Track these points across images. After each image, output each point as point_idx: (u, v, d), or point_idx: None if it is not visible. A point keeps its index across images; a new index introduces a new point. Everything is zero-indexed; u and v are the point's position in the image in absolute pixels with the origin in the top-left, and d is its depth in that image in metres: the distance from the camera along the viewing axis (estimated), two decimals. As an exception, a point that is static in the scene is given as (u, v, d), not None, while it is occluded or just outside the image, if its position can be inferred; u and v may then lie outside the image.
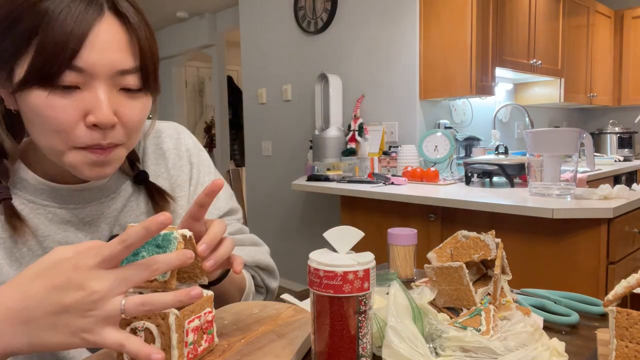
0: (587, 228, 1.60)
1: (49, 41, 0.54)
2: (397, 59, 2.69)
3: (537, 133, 1.77)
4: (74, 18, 0.55)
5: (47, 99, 0.56)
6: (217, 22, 4.87)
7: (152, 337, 0.55)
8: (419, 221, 1.99)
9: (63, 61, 0.55)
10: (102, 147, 0.60)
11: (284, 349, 0.63)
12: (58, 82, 0.56)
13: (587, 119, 4.47)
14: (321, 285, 0.56)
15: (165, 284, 0.55)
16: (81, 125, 0.58)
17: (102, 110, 0.57)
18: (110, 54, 0.57)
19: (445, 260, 0.78)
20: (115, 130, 0.60)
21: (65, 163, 0.61)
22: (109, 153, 0.61)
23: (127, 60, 0.59)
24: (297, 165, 3.25)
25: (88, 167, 0.61)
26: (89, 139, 0.59)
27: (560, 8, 3.22)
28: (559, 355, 0.59)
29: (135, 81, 0.60)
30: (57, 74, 0.55)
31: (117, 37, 0.58)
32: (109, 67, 0.57)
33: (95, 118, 0.57)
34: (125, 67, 0.59)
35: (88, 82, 0.57)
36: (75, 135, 0.58)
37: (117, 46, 0.58)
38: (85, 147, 0.59)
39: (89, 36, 0.56)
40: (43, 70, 0.55)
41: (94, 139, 0.59)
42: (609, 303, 0.56)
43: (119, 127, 0.60)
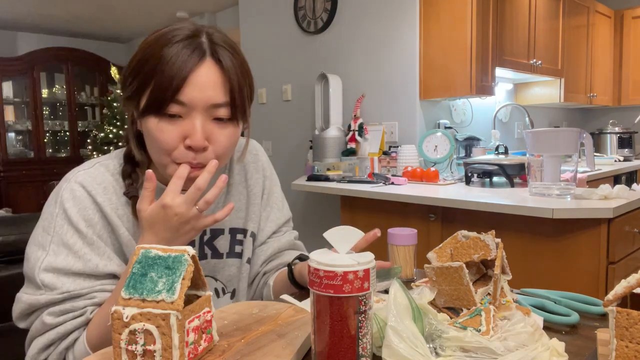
0: (587, 228, 1.60)
1: (161, 80, 0.73)
2: (397, 59, 2.68)
3: (537, 133, 1.77)
4: (181, 62, 0.73)
5: (157, 124, 0.75)
6: (217, 22, 4.87)
7: (152, 339, 0.55)
8: (419, 221, 1.99)
9: (170, 96, 0.73)
10: (192, 165, 0.77)
11: (284, 349, 0.63)
12: (166, 111, 0.74)
13: (587, 119, 4.47)
14: (321, 285, 0.56)
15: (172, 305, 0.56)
16: (180, 146, 0.76)
17: (196, 135, 0.75)
18: (206, 91, 0.75)
19: (445, 260, 0.78)
20: (206, 153, 0.77)
21: (167, 173, 0.79)
22: (197, 170, 0.77)
23: (220, 97, 0.76)
24: (297, 165, 3.25)
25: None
26: (184, 158, 0.77)
27: (560, 8, 3.22)
28: (559, 355, 0.59)
29: (225, 113, 0.77)
30: (165, 106, 0.73)
31: (213, 77, 0.75)
32: (205, 102, 0.75)
33: (190, 141, 0.75)
34: (218, 101, 0.76)
35: (188, 113, 0.75)
36: (174, 153, 0.77)
37: (212, 85, 0.75)
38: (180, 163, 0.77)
39: (190, 77, 0.73)
40: (156, 103, 0.74)
41: (189, 158, 0.77)
42: (609, 303, 0.56)
43: (210, 151, 0.78)
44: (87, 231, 0.79)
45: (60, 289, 0.76)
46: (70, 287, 0.76)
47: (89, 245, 0.79)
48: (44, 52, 5.24)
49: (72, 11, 4.72)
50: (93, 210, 0.80)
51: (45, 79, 5.37)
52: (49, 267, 0.76)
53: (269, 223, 1.00)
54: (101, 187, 0.82)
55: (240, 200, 0.96)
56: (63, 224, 0.79)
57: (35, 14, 4.79)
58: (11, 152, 5.20)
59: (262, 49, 3.50)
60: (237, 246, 0.95)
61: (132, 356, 0.56)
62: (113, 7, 4.63)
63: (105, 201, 0.81)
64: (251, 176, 0.98)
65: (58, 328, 0.76)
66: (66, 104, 5.47)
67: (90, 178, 0.82)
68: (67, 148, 5.56)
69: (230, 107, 0.77)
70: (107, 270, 0.79)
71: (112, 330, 0.56)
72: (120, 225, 0.82)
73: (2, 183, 5.04)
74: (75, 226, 0.79)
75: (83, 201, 0.80)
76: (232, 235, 0.95)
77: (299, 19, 3.15)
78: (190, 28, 0.77)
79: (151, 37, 0.77)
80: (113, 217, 0.81)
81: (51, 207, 0.81)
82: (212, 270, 0.94)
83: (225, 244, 0.94)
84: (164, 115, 0.74)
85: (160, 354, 0.55)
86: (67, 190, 0.81)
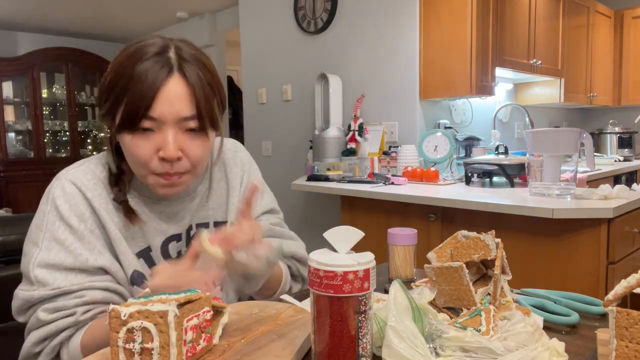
0: (587, 228, 1.60)
1: (133, 98, 0.76)
2: (397, 59, 2.68)
3: (537, 133, 1.77)
4: (151, 79, 0.76)
5: (132, 140, 0.78)
6: (217, 22, 4.87)
7: (150, 336, 0.55)
8: (419, 221, 1.99)
9: (142, 113, 0.76)
10: (170, 174, 0.80)
11: (284, 349, 0.63)
12: (139, 126, 0.77)
13: (587, 119, 4.47)
14: (321, 285, 0.56)
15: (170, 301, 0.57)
16: (155, 158, 0.79)
17: (168, 147, 0.78)
18: (175, 105, 0.77)
19: (445, 260, 0.78)
20: (181, 162, 0.80)
21: (146, 182, 0.83)
22: (176, 179, 0.82)
23: (187, 110, 0.79)
24: (297, 165, 3.25)
25: (160, 188, 0.83)
26: (160, 169, 0.80)
27: (560, 8, 3.22)
28: (559, 355, 0.59)
29: (195, 124, 0.80)
30: (137, 122, 0.77)
31: (180, 91, 0.78)
32: (174, 115, 0.78)
33: (164, 153, 0.78)
34: (186, 115, 0.79)
35: (160, 127, 0.78)
36: (150, 165, 0.80)
37: (179, 99, 0.78)
38: (158, 174, 0.80)
39: (159, 93, 0.76)
40: (129, 119, 0.77)
41: (164, 168, 0.80)
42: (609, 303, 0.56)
43: (185, 160, 0.81)
44: (79, 226, 0.82)
45: (52, 285, 0.78)
46: (61, 284, 0.79)
47: (80, 240, 0.82)
48: (44, 52, 5.23)
49: (72, 11, 4.71)
50: (84, 206, 0.84)
51: (45, 79, 5.37)
52: (42, 262, 0.79)
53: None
54: (91, 182, 0.86)
55: (222, 195, 0.99)
56: (54, 220, 0.82)
57: (35, 14, 4.79)
58: (11, 152, 5.20)
59: (262, 49, 3.50)
60: None
61: (130, 354, 0.56)
62: (113, 7, 4.63)
63: (95, 196, 0.85)
64: (230, 170, 1.02)
65: (50, 325, 0.78)
66: (66, 104, 5.46)
67: (81, 174, 0.86)
68: (67, 148, 5.56)
69: (198, 120, 0.80)
70: (97, 264, 0.82)
71: (109, 329, 0.56)
72: (109, 220, 0.85)
73: (2, 183, 5.04)
74: (67, 222, 0.82)
75: (74, 197, 0.83)
76: (217, 228, 0.97)
77: (299, 19, 3.15)
78: (159, 44, 0.80)
79: (122, 55, 0.80)
80: (102, 212, 0.84)
81: (43, 205, 0.84)
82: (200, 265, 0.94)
83: None
84: (137, 130, 0.78)
85: (157, 351, 0.55)
86: (58, 187, 0.84)
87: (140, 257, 0.88)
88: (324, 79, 2.88)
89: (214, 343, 0.65)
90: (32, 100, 5.20)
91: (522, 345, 0.58)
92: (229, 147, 1.04)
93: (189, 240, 0.94)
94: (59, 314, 0.78)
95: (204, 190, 0.97)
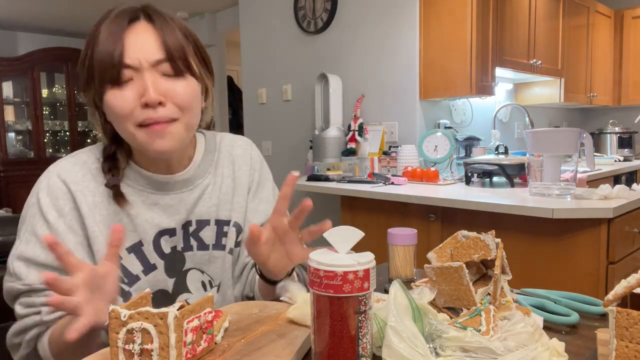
0: (587, 228, 1.60)
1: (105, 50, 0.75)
2: (397, 59, 2.68)
3: (537, 133, 1.77)
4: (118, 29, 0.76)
5: (112, 93, 0.76)
6: (217, 22, 4.87)
7: (149, 337, 0.55)
8: (419, 221, 1.99)
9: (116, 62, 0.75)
10: (157, 121, 0.77)
11: (284, 349, 0.63)
12: (117, 79, 0.76)
13: (587, 119, 4.47)
14: (321, 285, 0.56)
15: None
16: (137, 107, 0.76)
17: (149, 92, 0.75)
18: (145, 48, 0.77)
19: (445, 260, 0.78)
20: (166, 108, 0.77)
21: (137, 142, 0.79)
22: (165, 127, 0.78)
23: (158, 53, 0.77)
24: (297, 165, 3.25)
25: (152, 140, 0.78)
26: (144, 115, 0.76)
27: (560, 8, 3.22)
28: (559, 355, 0.59)
29: (168, 68, 0.78)
30: (114, 73, 0.75)
31: (148, 36, 0.78)
32: (147, 59, 0.76)
33: (145, 98, 0.75)
34: (158, 57, 0.77)
35: (138, 74, 0.76)
36: (134, 115, 0.77)
37: (149, 42, 0.77)
38: (146, 124, 0.77)
39: (127, 39, 0.76)
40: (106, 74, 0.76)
41: (148, 114, 0.76)
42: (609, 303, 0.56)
43: (170, 105, 0.78)
44: (56, 221, 0.81)
45: (25, 280, 0.79)
46: (31, 280, 0.79)
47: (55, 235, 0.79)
48: (44, 52, 5.23)
49: (72, 11, 4.71)
50: (65, 200, 0.82)
51: (45, 79, 5.37)
52: (21, 255, 0.80)
53: (257, 214, 0.99)
54: (79, 174, 0.84)
55: (228, 193, 0.96)
56: (35, 213, 0.82)
57: (35, 14, 4.79)
58: (11, 152, 5.19)
59: (262, 49, 3.50)
60: (224, 238, 0.95)
61: (129, 355, 0.55)
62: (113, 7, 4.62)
63: (81, 190, 0.83)
64: (239, 168, 0.99)
65: (25, 319, 0.79)
66: (66, 104, 5.46)
67: (69, 166, 0.85)
68: (67, 148, 5.56)
69: (169, 62, 0.78)
70: None
71: (109, 330, 0.56)
72: (90, 216, 0.82)
73: (2, 183, 5.04)
74: (45, 216, 0.81)
75: (56, 191, 0.82)
76: (219, 226, 0.94)
77: (299, 19, 3.15)
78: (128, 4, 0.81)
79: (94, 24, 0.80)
80: (84, 207, 0.82)
81: (30, 197, 0.84)
82: (198, 263, 0.93)
83: (211, 235, 0.93)
84: (115, 84, 0.76)
85: (157, 353, 0.55)
86: (44, 180, 0.84)
87: (131, 252, 0.85)
88: (324, 79, 2.88)
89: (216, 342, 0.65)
90: (32, 100, 5.20)
91: (522, 345, 0.58)
92: (240, 145, 1.01)
93: (185, 236, 0.90)
94: (28, 310, 0.79)
95: (205, 184, 0.92)
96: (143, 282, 0.87)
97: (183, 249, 0.91)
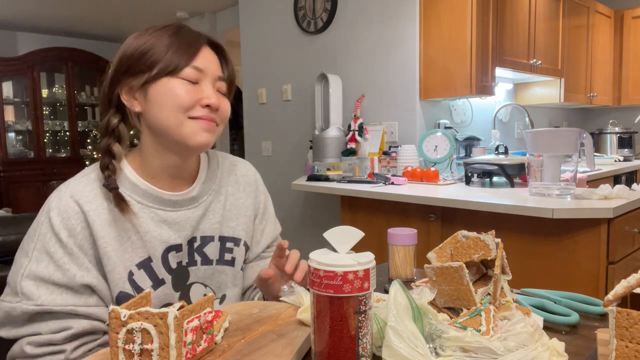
0: (587, 228, 1.60)
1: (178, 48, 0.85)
2: (397, 59, 2.68)
3: (537, 133, 1.77)
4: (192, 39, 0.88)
5: (175, 84, 0.84)
6: (217, 22, 4.87)
7: (149, 337, 0.55)
8: (419, 221, 1.99)
9: (186, 60, 0.85)
10: (211, 118, 0.87)
11: (284, 349, 0.63)
12: (183, 75, 0.84)
13: (587, 119, 4.47)
14: (321, 285, 0.56)
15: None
16: (197, 106, 0.86)
17: (213, 97, 0.86)
18: (213, 65, 0.89)
19: (445, 260, 0.78)
20: (217, 113, 0.88)
21: (182, 131, 0.85)
22: (214, 125, 0.88)
23: (221, 72, 0.90)
24: (297, 165, 3.25)
25: (200, 131, 0.86)
26: (202, 112, 0.86)
27: (560, 8, 3.22)
28: (559, 355, 0.59)
29: (224, 87, 0.91)
30: (182, 67, 0.84)
31: (214, 58, 0.90)
32: (213, 71, 0.88)
33: (209, 100, 0.85)
34: (221, 74, 0.90)
35: (202, 80, 0.86)
36: (192, 110, 0.85)
37: (215, 63, 0.90)
38: (198, 117, 0.85)
39: (200, 50, 0.87)
40: (172, 65, 0.84)
41: (206, 112, 0.86)
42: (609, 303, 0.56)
43: (218, 113, 0.88)
44: (68, 241, 0.81)
45: (36, 300, 0.77)
46: (45, 300, 0.78)
47: (69, 255, 0.81)
48: (44, 52, 5.23)
49: (72, 11, 4.71)
50: (76, 220, 0.82)
51: (45, 79, 5.37)
52: (31, 274, 0.79)
53: (264, 236, 1.06)
54: (91, 194, 0.85)
55: (231, 211, 1.00)
56: (46, 232, 0.81)
57: (35, 14, 4.79)
58: (11, 152, 5.19)
59: (262, 49, 3.49)
60: (227, 254, 0.98)
61: (129, 355, 0.56)
62: (113, 7, 4.62)
63: (93, 209, 0.84)
64: (244, 189, 1.04)
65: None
66: (66, 104, 5.46)
67: (81, 186, 0.86)
68: (67, 148, 5.56)
69: (227, 83, 0.91)
70: (83, 281, 0.80)
71: (109, 329, 0.56)
72: (102, 235, 0.83)
73: (2, 183, 5.04)
74: (57, 235, 0.81)
75: (67, 210, 0.82)
76: (222, 242, 0.98)
77: (299, 19, 3.15)
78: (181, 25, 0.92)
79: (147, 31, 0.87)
80: (96, 227, 0.83)
81: (39, 216, 0.84)
82: (201, 277, 0.96)
83: (215, 251, 0.96)
84: (182, 76, 0.84)
85: (157, 352, 0.55)
86: (55, 199, 0.84)
87: (140, 268, 0.87)
88: (323, 79, 2.88)
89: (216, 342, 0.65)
90: (32, 100, 5.20)
91: (522, 345, 0.58)
92: (243, 166, 1.08)
93: (190, 251, 0.93)
94: (45, 349, 0.77)
95: (209, 201, 0.96)
96: (153, 297, 0.88)
97: (188, 264, 0.93)
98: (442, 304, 0.74)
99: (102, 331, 0.83)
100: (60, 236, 0.81)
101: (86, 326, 0.79)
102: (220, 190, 0.98)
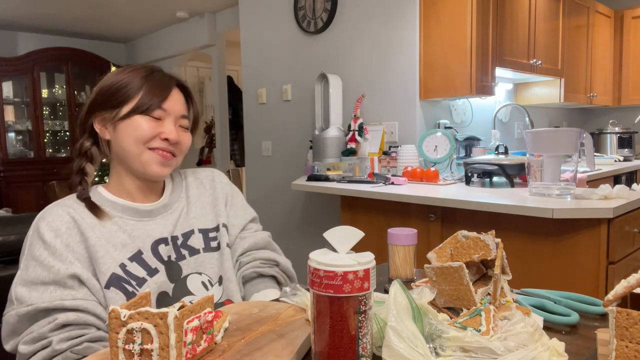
0: (587, 228, 1.60)
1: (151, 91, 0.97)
2: (397, 59, 2.68)
3: (537, 133, 1.77)
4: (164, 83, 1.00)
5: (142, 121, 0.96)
6: (217, 22, 4.87)
7: (149, 337, 0.55)
8: (419, 221, 1.99)
9: (157, 103, 0.97)
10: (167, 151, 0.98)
11: (284, 349, 0.63)
12: (151, 114, 0.97)
13: (587, 119, 4.47)
14: (321, 285, 0.56)
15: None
16: (157, 138, 0.97)
17: (173, 132, 0.98)
18: (178, 105, 1.01)
19: (445, 260, 0.78)
20: (175, 146, 0.99)
21: (140, 160, 0.97)
22: (170, 158, 0.99)
23: (184, 111, 1.03)
24: (297, 165, 3.25)
25: (156, 164, 0.97)
26: (161, 145, 0.97)
27: (560, 8, 3.22)
28: (559, 355, 0.59)
29: (187, 123, 1.03)
30: (152, 109, 0.97)
31: (181, 99, 1.03)
32: (177, 111, 1.01)
33: (168, 135, 0.97)
34: (184, 113, 1.03)
35: (165, 118, 0.99)
36: (152, 142, 0.96)
37: (181, 102, 1.03)
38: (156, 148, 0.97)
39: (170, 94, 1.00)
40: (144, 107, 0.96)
41: (164, 145, 0.97)
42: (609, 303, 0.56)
43: (178, 146, 1.00)
44: (53, 241, 0.88)
45: (27, 301, 0.82)
46: (36, 300, 0.82)
47: (52, 254, 0.86)
48: (44, 52, 5.23)
49: (72, 11, 4.71)
50: (62, 222, 0.90)
51: (45, 79, 5.36)
52: (22, 281, 0.84)
53: (238, 219, 1.16)
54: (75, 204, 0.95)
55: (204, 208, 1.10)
56: (33, 241, 0.89)
57: (35, 14, 4.78)
58: (11, 152, 5.19)
59: (262, 49, 3.49)
60: (212, 242, 1.07)
61: (129, 355, 0.56)
62: (113, 7, 4.62)
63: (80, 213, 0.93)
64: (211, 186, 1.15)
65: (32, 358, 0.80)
66: (66, 104, 5.46)
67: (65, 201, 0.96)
68: (67, 148, 5.56)
69: (189, 120, 1.04)
70: (68, 272, 0.85)
71: (109, 329, 0.56)
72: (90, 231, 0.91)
73: (2, 183, 5.04)
74: (42, 239, 0.88)
75: (53, 215, 0.91)
76: (204, 233, 1.06)
77: (299, 19, 3.15)
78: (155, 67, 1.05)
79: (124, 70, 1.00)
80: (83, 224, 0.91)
81: (28, 231, 0.92)
82: (195, 267, 1.02)
83: (199, 241, 1.05)
84: (149, 117, 0.96)
85: (157, 352, 0.55)
86: (41, 213, 0.93)
87: (133, 261, 0.93)
88: (324, 79, 2.88)
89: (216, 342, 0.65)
90: (32, 100, 5.20)
91: (522, 345, 0.58)
92: (203, 170, 1.18)
93: (175, 248, 1.01)
94: (36, 346, 0.80)
95: (181, 207, 1.07)
96: (150, 282, 0.93)
97: (177, 259, 1.00)
98: (442, 304, 0.74)
99: (91, 325, 0.84)
100: (45, 238, 0.87)
101: (71, 316, 0.82)
102: (189, 194, 1.10)
